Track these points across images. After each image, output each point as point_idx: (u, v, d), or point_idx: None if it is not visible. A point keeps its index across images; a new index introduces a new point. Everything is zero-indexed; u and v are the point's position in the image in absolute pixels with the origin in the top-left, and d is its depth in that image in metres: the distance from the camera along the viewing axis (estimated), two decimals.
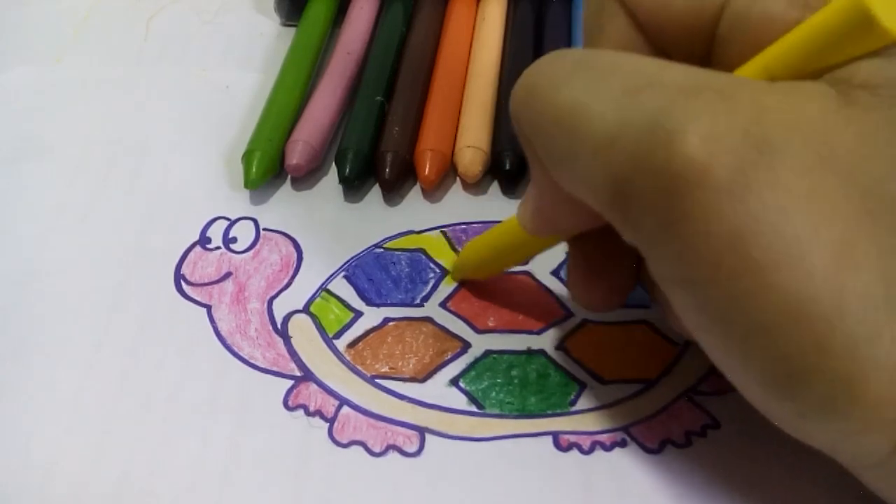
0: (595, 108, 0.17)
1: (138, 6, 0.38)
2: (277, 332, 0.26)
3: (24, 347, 0.25)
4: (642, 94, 0.17)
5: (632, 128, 0.17)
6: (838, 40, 0.16)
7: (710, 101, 0.16)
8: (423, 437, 0.23)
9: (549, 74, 0.19)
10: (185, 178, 0.30)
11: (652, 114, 0.16)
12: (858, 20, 0.16)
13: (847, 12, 0.16)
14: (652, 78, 0.17)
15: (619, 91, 0.17)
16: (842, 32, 0.16)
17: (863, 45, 0.16)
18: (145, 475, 0.22)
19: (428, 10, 0.35)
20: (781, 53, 0.18)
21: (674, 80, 0.17)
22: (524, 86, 0.19)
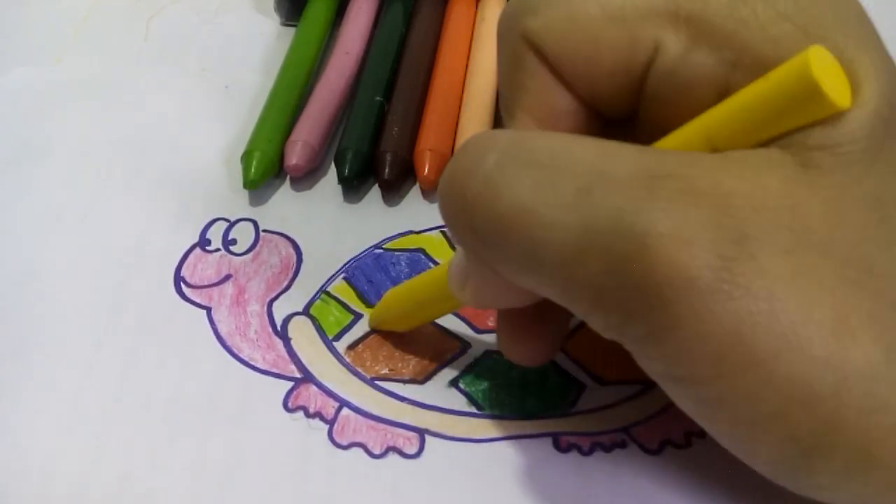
0: (549, 215, 0.17)
1: (138, 6, 0.38)
2: (277, 334, 0.26)
3: (24, 347, 0.25)
4: (596, 192, 0.16)
5: (597, 235, 0.16)
6: (783, 110, 0.16)
7: (672, 195, 0.16)
8: (423, 438, 0.23)
9: (482, 176, 0.17)
10: (185, 178, 0.30)
11: (614, 216, 0.16)
12: (805, 91, 0.15)
13: (793, 84, 0.16)
14: (600, 172, 0.16)
15: (570, 192, 0.16)
16: (787, 102, 0.16)
17: (809, 115, 0.16)
18: (145, 476, 0.22)
19: (427, 11, 0.35)
20: (724, 120, 0.17)
21: (625, 172, 0.16)
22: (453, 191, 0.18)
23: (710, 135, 0.17)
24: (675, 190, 0.16)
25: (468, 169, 0.18)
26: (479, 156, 0.18)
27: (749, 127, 0.17)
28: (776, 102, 0.16)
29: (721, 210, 0.15)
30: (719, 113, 0.17)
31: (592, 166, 0.17)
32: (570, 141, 0.18)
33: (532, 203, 0.17)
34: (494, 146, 0.18)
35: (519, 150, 0.17)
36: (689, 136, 0.17)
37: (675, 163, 0.16)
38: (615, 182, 0.16)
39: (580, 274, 0.16)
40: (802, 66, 0.15)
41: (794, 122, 0.16)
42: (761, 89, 0.16)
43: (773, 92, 0.16)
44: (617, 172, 0.16)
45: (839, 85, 0.16)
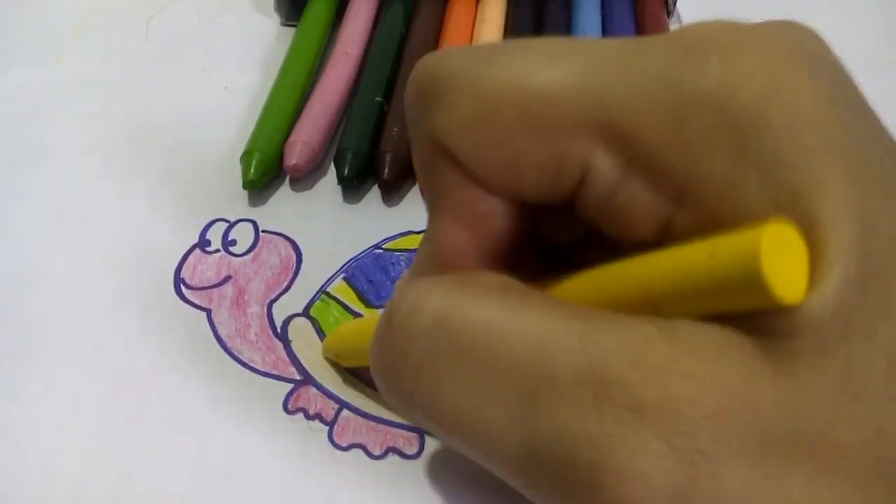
0: (492, 428, 0.15)
1: (138, 6, 0.38)
2: (277, 336, 0.26)
3: (24, 348, 0.25)
4: (540, 404, 0.15)
5: (545, 457, 0.15)
6: (728, 291, 0.14)
7: (620, 414, 0.14)
8: (423, 439, 0.23)
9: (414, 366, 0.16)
10: (184, 179, 0.30)
11: (561, 438, 0.14)
12: (751, 282, 0.13)
13: (739, 268, 0.13)
14: (544, 375, 0.15)
15: (512, 401, 0.15)
16: (732, 285, 0.14)
17: (755, 304, 0.14)
18: (145, 478, 0.23)
19: (427, 10, 0.35)
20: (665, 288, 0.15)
21: (569, 375, 0.15)
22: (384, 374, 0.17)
23: (652, 299, 0.15)
24: (622, 406, 0.14)
25: (398, 352, 0.17)
26: (408, 336, 0.16)
27: (692, 302, 0.15)
28: (720, 281, 0.14)
29: (674, 429, 0.14)
30: (659, 275, 0.15)
31: (534, 365, 0.15)
32: (506, 320, 0.16)
33: (472, 409, 0.15)
34: (423, 324, 0.16)
35: (449, 334, 0.16)
36: (631, 297, 0.15)
37: (620, 360, 0.14)
38: (559, 390, 0.15)
39: (533, 485, 0.15)
40: (751, 252, 0.13)
41: (740, 306, 0.14)
42: (704, 263, 0.14)
43: (717, 270, 0.14)
44: (560, 374, 0.15)
45: (796, 271, 0.14)
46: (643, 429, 0.14)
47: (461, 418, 0.16)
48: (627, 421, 0.14)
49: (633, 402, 0.14)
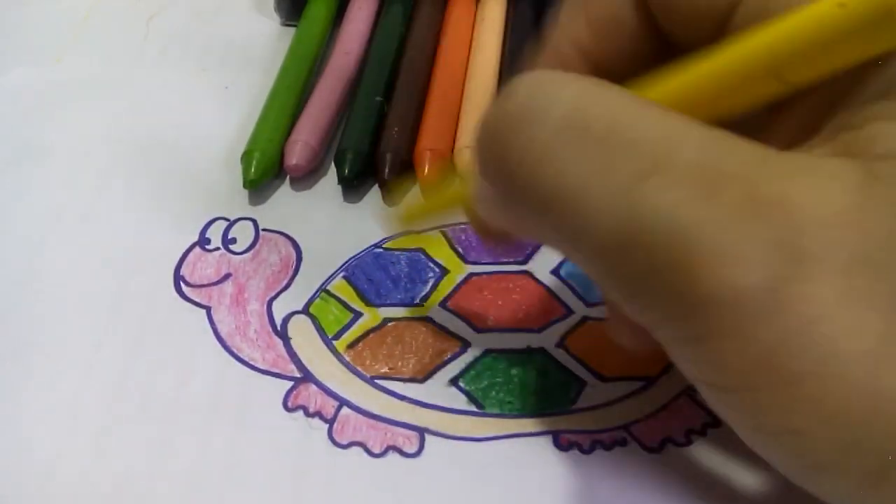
0: (598, 199, 0.15)
1: (138, 6, 0.38)
2: (277, 334, 0.26)
3: (24, 347, 0.25)
4: (653, 181, 0.15)
5: (646, 229, 0.15)
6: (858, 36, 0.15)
7: (734, 202, 0.15)
8: (423, 437, 0.23)
9: (530, 144, 0.16)
10: (185, 178, 0.30)
11: (667, 213, 0.15)
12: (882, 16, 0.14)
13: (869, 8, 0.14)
14: (662, 158, 0.15)
15: (625, 176, 0.15)
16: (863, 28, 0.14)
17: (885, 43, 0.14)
18: (145, 476, 0.22)
19: (427, 11, 0.35)
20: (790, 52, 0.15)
21: (688, 163, 0.15)
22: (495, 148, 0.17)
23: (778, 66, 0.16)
24: (737, 195, 0.15)
25: (517, 128, 0.16)
26: (534, 118, 0.16)
27: (822, 59, 0.15)
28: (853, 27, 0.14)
29: (783, 225, 0.15)
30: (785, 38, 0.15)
31: (654, 149, 0.15)
32: (635, 112, 0.16)
33: (583, 183, 0.16)
34: (553, 112, 0.16)
35: (578, 121, 0.16)
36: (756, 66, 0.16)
37: (741, 162, 0.15)
38: (675, 173, 0.15)
39: (621, 266, 0.16)
40: None
41: (875, 49, 0.15)
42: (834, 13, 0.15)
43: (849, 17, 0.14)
44: (679, 161, 0.15)
45: None
46: (754, 219, 0.15)
47: (566, 191, 0.16)
48: (739, 210, 0.15)
49: (750, 194, 0.15)
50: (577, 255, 0.17)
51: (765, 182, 0.15)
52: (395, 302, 0.26)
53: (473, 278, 0.27)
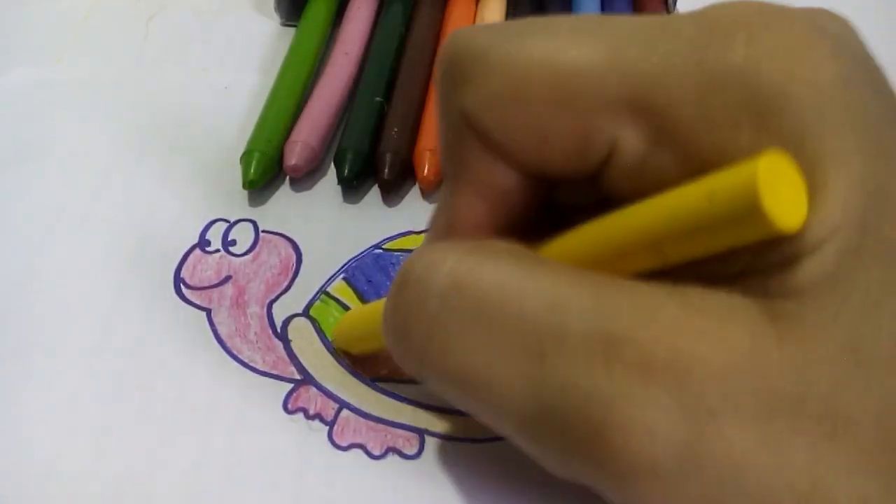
0: (501, 383, 0.16)
1: (138, 6, 0.38)
2: (277, 336, 0.26)
3: (24, 348, 0.25)
4: (550, 359, 0.15)
5: (554, 412, 0.15)
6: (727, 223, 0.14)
7: (630, 371, 0.15)
8: (423, 438, 0.23)
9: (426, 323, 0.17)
10: (184, 179, 0.30)
11: (571, 394, 0.15)
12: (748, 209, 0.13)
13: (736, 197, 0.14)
14: (554, 332, 0.15)
15: (522, 357, 0.15)
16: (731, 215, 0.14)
17: (753, 234, 0.14)
18: (145, 478, 0.23)
19: (427, 11, 0.35)
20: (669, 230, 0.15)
21: (580, 332, 0.15)
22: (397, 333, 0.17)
23: (656, 243, 0.15)
24: (632, 363, 0.15)
25: (411, 311, 0.17)
26: (422, 295, 0.17)
27: (696, 242, 0.15)
28: (721, 220, 0.14)
29: (682, 386, 0.14)
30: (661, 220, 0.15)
31: (545, 324, 0.15)
32: (519, 281, 0.16)
33: (482, 366, 0.16)
34: (436, 286, 0.17)
35: (464, 294, 0.16)
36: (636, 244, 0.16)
37: (631, 320, 0.15)
38: (570, 347, 0.15)
39: (538, 442, 0.16)
40: (748, 184, 0.13)
41: (744, 240, 0.14)
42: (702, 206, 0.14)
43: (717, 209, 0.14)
44: (571, 332, 0.15)
45: (795, 199, 0.14)
46: (652, 385, 0.14)
47: (472, 375, 0.16)
48: (637, 377, 0.14)
49: (644, 358, 0.14)
50: (497, 427, 0.17)
51: (655, 343, 0.15)
52: None
53: None
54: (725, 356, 0.14)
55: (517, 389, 0.16)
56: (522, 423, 0.16)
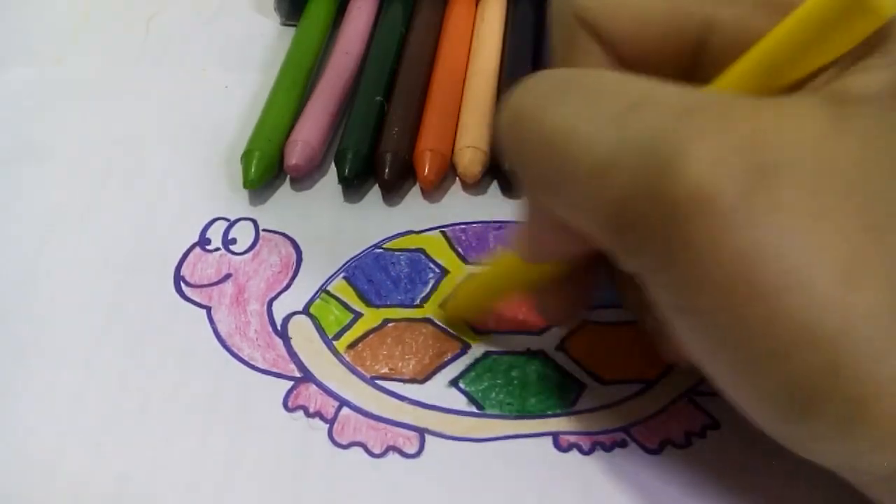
0: (587, 131, 0.17)
1: (138, 6, 0.38)
2: (277, 334, 0.26)
3: (24, 347, 0.25)
4: (636, 114, 0.16)
5: (628, 151, 0.16)
6: (825, 31, 0.16)
7: (708, 122, 0.16)
8: (423, 438, 0.23)
9: (534, 97, 0.18)
10: (185, 178, 0.30)
11: (649, 135, 0.16)
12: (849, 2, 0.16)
13: None
14: (644, 97, 0.17)
15: (612, 112, 0.17)
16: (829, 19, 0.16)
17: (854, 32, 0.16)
18: (145, 476, 0.23)
19: (427, 11, 0.35)
20: (772, 52, 0.17)
21: (667, 99, 0.17)
22: (509, 110, 0.19)
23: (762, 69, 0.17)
24: (713, 114, 0.16)
25: (526, 93, 0.18)
26: (534, 84, 0.19)
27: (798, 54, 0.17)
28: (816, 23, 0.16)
29: (753, 141, 0.16)
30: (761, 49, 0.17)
31: (637, 92, 0.17)
32: (621, 74, 0.19)
33: (574, 120, 0.17)
34: (549, 76, 0.19)
35: (569, 78, 0.18)
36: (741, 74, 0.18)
37: (715, 97, 0.17)
38: (655, 106, 0.16)
39: (606, 189, 0.17)
40: None
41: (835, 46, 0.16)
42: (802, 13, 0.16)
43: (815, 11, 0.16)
44: (659, 99, 0.17)
45: None
46: (727, 134, 0.16)
47: (563, 129, 0.17)
48: (712, 124, 0.16)
49: (723, 116, 0.16)
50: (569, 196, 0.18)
51: (738, 108, 0.16)
52: (395, 303, 0.26)
53: None
54: (796, 133, 0.16)
55: (601, 136, 0.17)
56: (596, 166, 0.17)
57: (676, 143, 0.16)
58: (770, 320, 0.15)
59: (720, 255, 0.15)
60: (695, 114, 0.16)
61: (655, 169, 0.16)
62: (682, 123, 0.16)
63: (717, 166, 0.15)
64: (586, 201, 0.17)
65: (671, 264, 0.16)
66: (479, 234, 0.28)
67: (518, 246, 0.22)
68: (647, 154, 0.16)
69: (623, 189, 0.16)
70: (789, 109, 0.16)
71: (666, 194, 0.16)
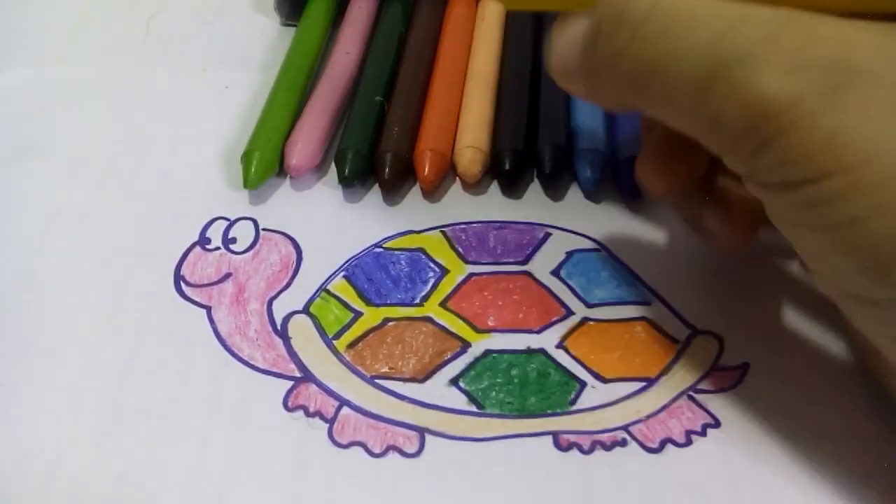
0: (688, 55, 0.18)
1: (138, 6, 0.38)
2: (277, 333, 0.26)
3: (25, 347, 0.25)
4: (728, 35, 0.18)
5: (723, 67, 0.18)
6: None
7: (797, 36, 0.18)
8: (423, 437, 0.23)
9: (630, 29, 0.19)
10: (185, 178, 0.30)
11: (742, 50, 0.18)
12: None
13: None
14: (735, 20, 0.18)
15: (707, 38, 0.18)
16: None
17: None
18: (145, 476, 0.22)
19: (427, 10, 0.35)
20: None
21: (756, 20, 0.18)
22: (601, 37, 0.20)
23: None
24: (800, 32, 0.18)
25: (617, 20, 0.20)
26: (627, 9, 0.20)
27: None
28: None
29: (839, 49, 0.17)
30: None
31: (729, 16, 0.18)
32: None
33: (674, 49, 0.19)
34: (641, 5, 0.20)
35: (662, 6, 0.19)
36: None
37: (803, 15, 0.18)
38: (747, 27, 0.18)
39: (706, 103, 0.18)
40: None
41: None
42: None
43: None
44: (749, 20, 0.18)
45: None
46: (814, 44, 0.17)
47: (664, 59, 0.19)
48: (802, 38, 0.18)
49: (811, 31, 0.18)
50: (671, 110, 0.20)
51: (823, 25, 0.18)
52: (395, 302, 0.26)
53: (473, 278, 0.27)
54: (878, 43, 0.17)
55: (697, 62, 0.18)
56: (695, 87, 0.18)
57: (764, 55, 0.17)
58: (855, 188, 0.17)
59: (809, 138, 0.17)
60: (782, 28, 0.18)
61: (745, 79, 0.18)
62: (770, 37, 0.18)
63: (802, 71, 0.17)
64: (687, 112, 0.19)
65: (767, 149, 0.18)
66: (479, 234, 0.28)
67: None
68: (737, 69, 0.18)
69: (719, 101, 0.18)
70: (874, 29, 0.18)
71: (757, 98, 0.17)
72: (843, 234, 0.18)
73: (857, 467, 0.22)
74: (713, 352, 0.25)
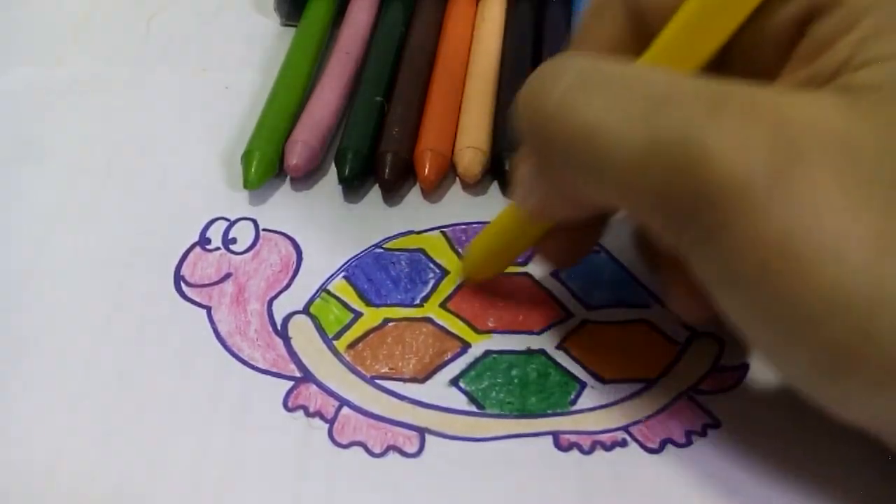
0: (618, 131, 0.18)
1: (138, 6, 0.38)
2: (277, 333, 0.26)
3: (24, 347, 0.25)
4: (665, 108, 0.17)
5: (661, 146, 0.17)
6: None
7: (734, 112, 0.17)
8: (423, 437, 0.23)
9: (557, 96, 0.19)
10: (185, 178, 0.30)
11: (680, 129, 0.17)
12: None
13: None
14: (670, 91, 0.18)
15: (641, 108, 0.18)
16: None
17: None
18: (145, 476, 0.22)
19: (428, 10, 0.35)
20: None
21: (693, 92, 0.17)
22: (528, 109, 0.20)
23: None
24: (737, 108, 0.17)
25: (543, 89, 0.19)
26: (555, 77, 0.19)
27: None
28: None
29: (779, 128, 0.17)
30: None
31: (662, 87, 0.18)
32: (640, 67, 0.19)
33: (603, 120, 0.18)
34: (570, 68, 0.19)
35: (592, 73, 0.19)
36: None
37: (739, 87, 0.18)
38: (682, 99, 0.17)
39: (643, 183, 0.18)
40: None
41: None
42: None
43: None
44: (685, 92, 0.17)
45: None
46: (754, 122, 0.17)
47: (593, 129, 0.18)
48: (741, 116, 0.17)
49: (748, 106, 0.17)
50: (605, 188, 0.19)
51: (759, 98, 0.17)
52: (395, 302, 0.26)
53: None
54: (819, 121, 0.17)
55: (631, 135, 0.18)
56: (631, 164, 0.18)
57: (704, 136, 0.17)
58: (805, 290, 0.16)
59: (758, 232, 0.16)
60: (720, 105, 0.17)
61: (688, 163, 0.17)
62: (709, 115, 0.17)
63: (747, 154, 0.16)
64: (621, 195, 0.19)
65: (712, 241, 0.17)
66: (478, 233, 0.28)
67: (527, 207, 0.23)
68: (677, 150, 0.17)
69: (658, 185, 0.17)
70: (810, 99, 0.17)
71: (701, 185, 0.17)
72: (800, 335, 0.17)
73: (857, 467, 0.22)
74: (713, 353, 0.25)
